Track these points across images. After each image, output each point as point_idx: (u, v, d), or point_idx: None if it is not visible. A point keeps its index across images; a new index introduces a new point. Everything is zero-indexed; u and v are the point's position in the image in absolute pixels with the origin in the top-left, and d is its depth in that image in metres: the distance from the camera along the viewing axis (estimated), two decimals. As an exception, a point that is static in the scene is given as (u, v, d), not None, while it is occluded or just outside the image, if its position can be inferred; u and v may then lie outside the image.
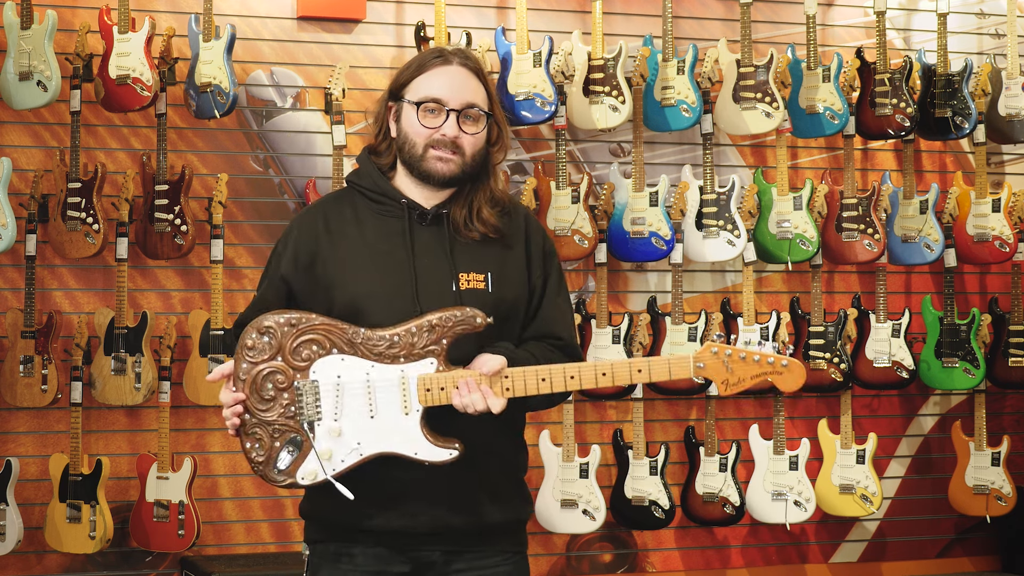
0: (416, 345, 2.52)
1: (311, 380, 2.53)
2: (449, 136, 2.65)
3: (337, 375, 2.53)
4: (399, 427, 2.52)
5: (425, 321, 2.53)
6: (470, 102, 2.67)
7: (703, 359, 2.52)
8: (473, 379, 2.51)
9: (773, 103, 5.43)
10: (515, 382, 2.52)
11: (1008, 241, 5.69)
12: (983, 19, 6.23)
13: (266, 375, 2.54)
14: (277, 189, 5.40)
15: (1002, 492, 5.73)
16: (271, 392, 2.54)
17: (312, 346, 2.53)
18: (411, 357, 2.52)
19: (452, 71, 2.68)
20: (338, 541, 2.66)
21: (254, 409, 2.54)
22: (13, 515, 4.87)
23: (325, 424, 2.53)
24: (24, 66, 4.94)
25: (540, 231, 2.80)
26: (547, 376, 2.53)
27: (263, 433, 2.54)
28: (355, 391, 2.53)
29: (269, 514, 5.31)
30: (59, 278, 5.16)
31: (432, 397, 2.52)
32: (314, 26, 5.46)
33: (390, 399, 2.52)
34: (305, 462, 2.53)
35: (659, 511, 5.37)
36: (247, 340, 2.55)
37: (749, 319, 5.46)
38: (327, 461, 2.52)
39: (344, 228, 2.69)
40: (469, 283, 2.64)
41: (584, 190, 5.36)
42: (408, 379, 2.52)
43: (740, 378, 2.50)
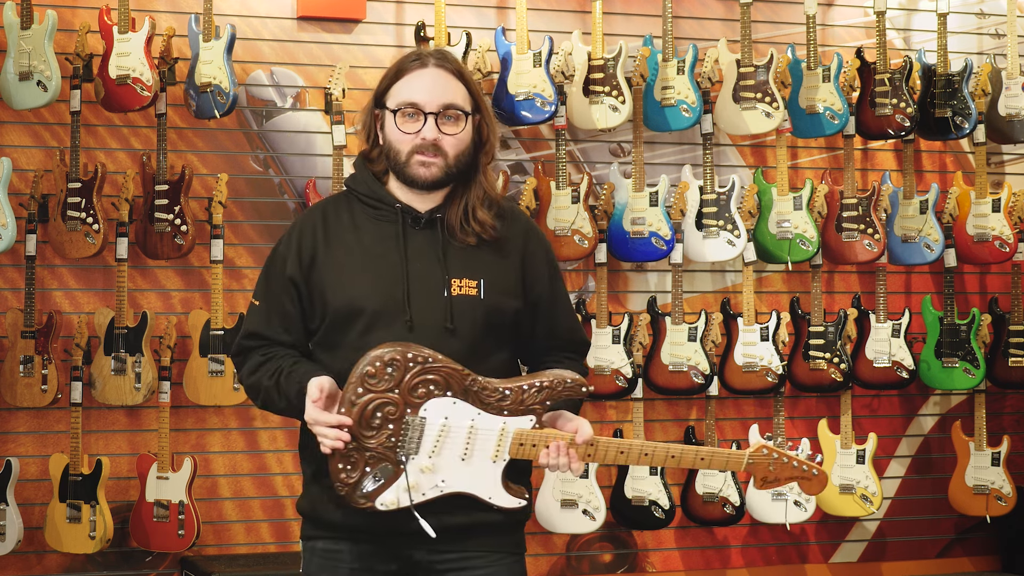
0: (524, 402, 2.61)
1: (420, 417, 2.58)
2: (429, 139, 2.65)
3: (445, 416, 2.59)
4: (483, 472, 2.61)
5: (538, 382, 2.61)
6: (448, 103, 2.66)
7: (755, 458, 2.72)
8: (564, 444, 2.61)
9: (773, 103, 5.43)
10: (598, 451, 2.65)
11: (1008, 241, 5.69)
12: (983, 19, 6.23)
13: (379, 404, 2.57)
14: (277, 189, 5.40)
15: (1002, 492, 5.73)
16: (378, 421, 2.57)
17: (430, 385, 2.58)
18: (516, 412, 2.61)
19: (428, 74, 2.68)
20: (327, 539, 2.68)
21: (357, 434, 2.57)
22: (13, 515, 4.87)
23: (420, 460, 2.58)
24: (24, 66, 4.94)
25: (543, 242, 2.82)
26: (626, 450, 2.67)
27: (358, 458, 2.58)
28: (457, 435, 2.59)
29: (269, 514, 5.31)
30: (59, 278, 5.16)
31: (523, 452, 2.62)
32: (314, 26, 5.46)
33: (486, 447, 2.61)
34: (388, 490, 2.58)
35: (659, 511, 5.37)
36: (368, 367, 2.56)
37: (749, 319, 5.46)
38: (412, 491, 2.59)
39: (341, 233, 2.70)
40: (461, 289, 2.65)
41: (584, 190, 5.36)
42: (507, 432, 2.61)
43: (776, 477, 2.75)
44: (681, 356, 5.40)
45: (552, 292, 2.78)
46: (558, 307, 2.79)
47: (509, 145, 5.62)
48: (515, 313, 2.71)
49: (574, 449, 2.61)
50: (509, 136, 5.61)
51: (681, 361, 5.39)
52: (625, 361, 5.36)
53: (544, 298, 2.76)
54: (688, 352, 5.39)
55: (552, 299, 2.78)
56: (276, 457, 5.32)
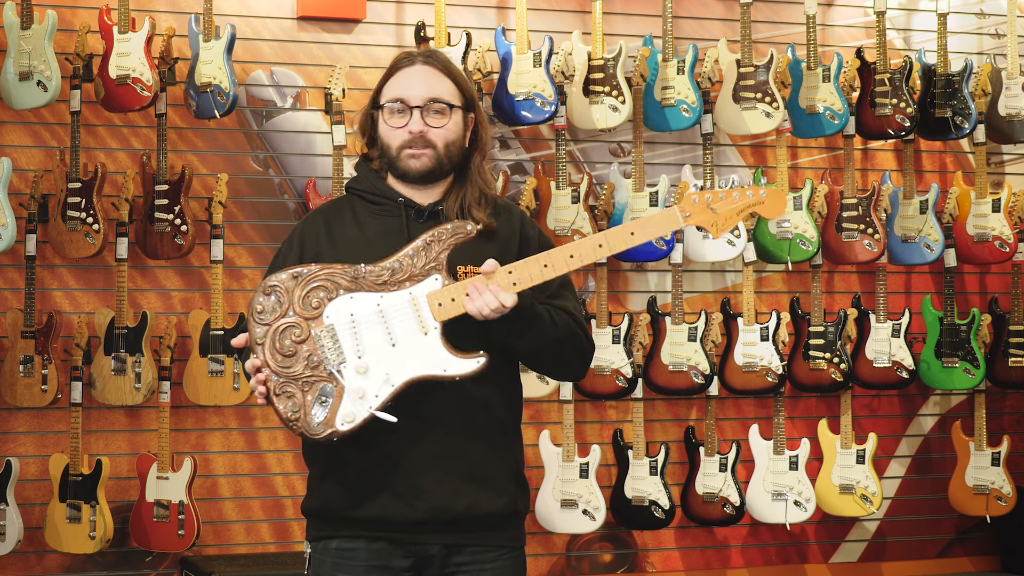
0: (417, 266, 2.58)
1: (326, 325, 2.57)
2: (415, 132, 2.70)
3: (350, 313, 2.57)
4: (421, 349, 2.56)
5: (420, 241, 2.59)
6: (433, 96, 2.72)
7: (687, 208, 2.60)
8: (480, 281, 2.57)
9: (773, 103, 5.43)
10: (520, 274, 2.58)
11: (1008, 241, 5.69)
12: (983, 19, 6.23)
13: (282, 331, 2.57)
14: (277, 189, 5.40)
15: (1002, 492, 5.73)
16: (291, 347, 2.57)
17: (319, 292, 2.57)
18: (415, 279, 2.58)
19: (415, 71, 2.75)
20: (340, 537, 2.69)
21: (278, 368, 2.57)
22: (13, 515, 4.87)
23: (351, 364, 2.56)
24: (24, 66, 4.94)
25: (538, 233, 2.85)
26: (549, 262, 2.60)
27: (293, 389, 2.57)
28: (371, 324, 2.57)
29: (269, 514, 5.31)
30: (59, 278, 5.16)
31: (445, 311, 2.57)
32: (314, 26, 5.46)
33: (406, 323, 2.57)
34: (340, 407, 2.56)
35: (659, 511, 5.37)
36: (256, 305, 2.59)
37: (749, 319, 5.46)
38: (361, 400, 2.56)
39: (345, 230, 2.75)
40: (467, 275, 2.67)
41: (584, 190, 5.36)
42: (418, 299, 2.57)
43: (726, 216, 2.59)
44: (681, 356, 5.40)
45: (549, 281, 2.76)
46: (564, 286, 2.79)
47: (509, 145, 5.62)
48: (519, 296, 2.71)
49: (493, 282, 2.56)
50: (509, 136, 5.61)
51: (681, 361, 5.40)
52: (625, 361, 5.36)
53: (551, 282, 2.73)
54: (688, 352, 5.39)
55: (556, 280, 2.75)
56: (276, 457, 5.32)
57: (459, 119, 2.75)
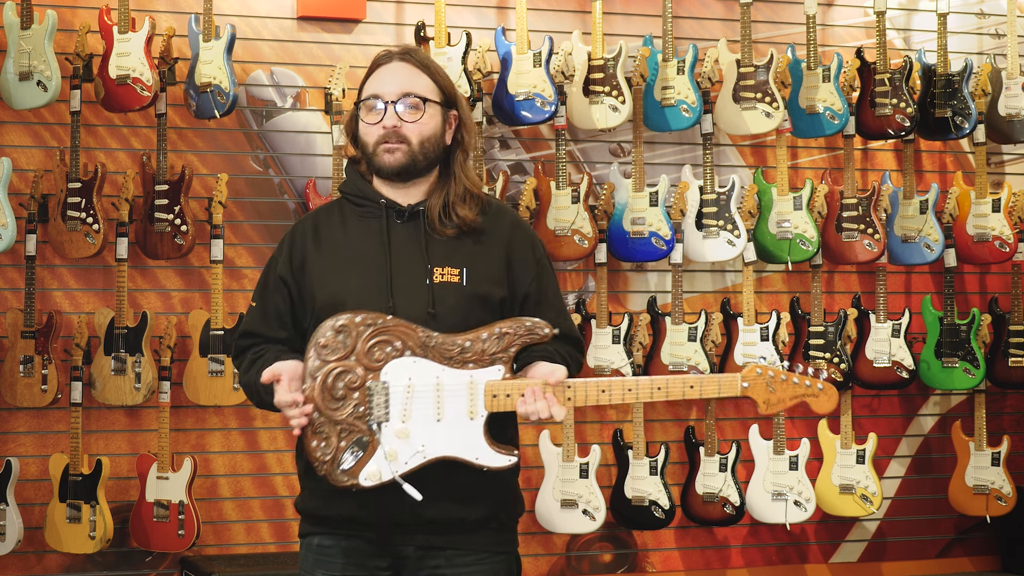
0: (487, 352, 2.58)
1: (382, 381, 2.56)
2: (389, 127, 2.71)
3: (408, 377, 2.57)
4: (463, 432, 2.57)
5: (496, 329, 2.59)
6: (406, 91, 2.73)
7: (748, 379, 2.63)
8: (539, 388, 2.57)
9: (773, 103, 5.43)
10: (577, 392, 2.60)
11: (1008, 241, 5.69)
12: (983, 19, 6.23)
13: (338, 374, 2.56)
14: (277, 189, 5.40)
15: (1002, 492, 5.73)
16: (342, 391, 2.56)
17: (386, 347, 2.56)
18: (480, 363, 2.58)
19: (391, 67, 2.77)
20: (321, 534, 2.72)
21: (323, 407, 2.56)
22: (13, 515, 4.87)
23: (393, 425, 2.56)
24: (24, 66, 4.94)
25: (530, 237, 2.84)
26: (607, 388, 2.61)
27: (330, 431, 2.56)
28: (425, 394, 2.57)
29: (269, 514, 5.31)
30: (59, 278, 5.16)
31: (499, 403, 2.57)
32: (314, 26, 5.46)
33: (458, 403, 2.57)
34: (369, 463, 2.56)
35: (659, 511, 5.37)
36: (320, 338, 2.57)
37: (749, 319, 5.46)
38: (392, 462, 2.55)
39: (331, 233, 2.77)
40: (443, 276, 2.68)
41: (584, 190, 5.36)
42: (477, 384, 2.57)
43: (780, 399, 2.64)
44: (681, 356, 5.40)
45: (540, 288, 2.80)
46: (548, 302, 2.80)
47: (509, 145, 5.62)
48: (500, 302, 2.72)
49: (551, 392, 2.57)
50: (509, 136, 5.61)
51: (681, 361, 5.40)
52: (625, 361, 5.36)
53: (532, 295, 2.78)
54: (688, 352, 5.39)
55: (542, 296, 2.79)
56: (276, 457, 5.32)
57: (436, 114, 2.75)
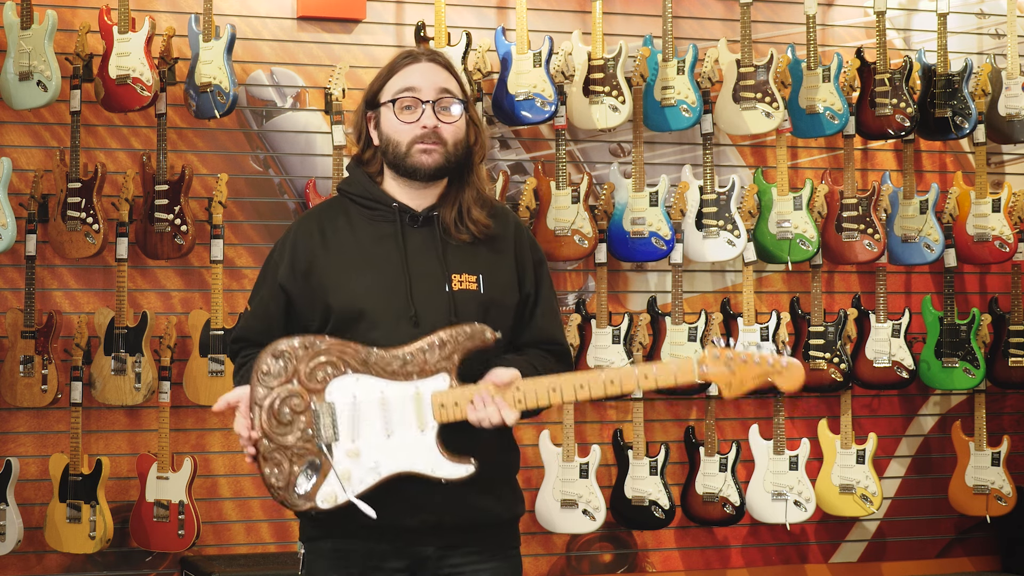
0: (428, 362, 2.54)
1: (327, 402, 2.55)
2: (430, 127, 2.67)
3: (353, 395, 2.55)
4: (415, 445, 2.54)
5: (436, 338, 2.55)
6: (443, 88, 2.70)
7: (706, 362, 2.54)
8: (487, 392, 2.53)
9: (773, 103, 5.43)
10: (527, 394, 2.55)
11: (1008, 241, 5.69)
12: (983, 19, 6.23)
13: (283, 399, 2.55)
14: (277, 189, 5.40)
15: (1002, 492, 5.73)
16: (288, 416, 2.55)
17: (327, 367, 2.54)
18: (424, 374, 2.54)
19: (422, 67, 2.72)
20: (335, 538, 2.68)
21: (272, 434, 2.55)
22: (13, 515, 4.87)
23: (343, 445, 2.54)
24: (24, 66, 4.94)
25: (530, 239, 2.83)
26: (557, 387, 2.55)
27: (281, 457, 2.55)
28: (371, 410, 2.54)
29: (269, 514, 5.31)
30: (59, 278, 5.16)
31: (447, 413, 2.54)
32: (314, 26, 5.46)
33: (405, 417, 2.54)
34: (324, 485, 2.54)
35: (659, 511, 5.37)
36: (262, 365, 2.56)
37: (749, 319, 5.46)
38: (347, 482, 2.54)
39: (338, 235, 2.72)
40: (462, 284, 2.66)
41: (584, 190, 5.36)
42: (423, 395, 2.54)
43: (742, 380, 2.52)
44: (681, 356, 5.39)
45: (537, 293, 2.79)
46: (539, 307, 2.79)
47: (509, 145, 5.62)
48: (515, 307, 2.73)
49: (499, 396, 2.53)
50: (509, 136, 5.61)
51: (681, 361, 5.39)
52: (625, 361, 5.36)
53: (530, 298, 2.77)
54: (688, 352, 5.39)
55: (536, 300, 2.78)
56: (276, 457, 5.31)
57: (465, 116, 2.74)
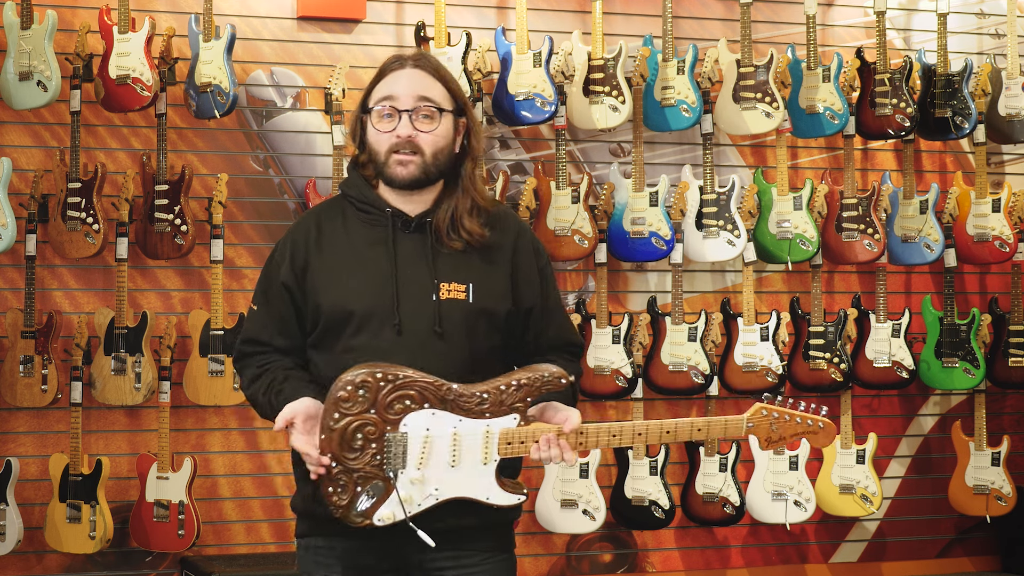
0: (504, 402, 2.61)
1: (401, 432, 2.59)
2: (403, 136, 2.66)
3: (426, 428, 2.60)
4: (476, 475, 2.62)
5: (515, 380, 2.61)
6: (421, 96, 2.68)
7: (754, 420, 2.71)
8: (553, 436, 2.61)
9: (773, 103, 5.43)
10: (589, 438, 2.65)
11: (1008, 241, 5.69)
12: (983, 19, 6.23)
13: (357, 427, 2.58)
14: (277, 189, 5.40)
15: (1002, 492, 5.73)
16: (360, 443, 2.58)
17: (406, 400, 2.59)
18: (498, 413, 2.61)
19: (405, 73, 2.71)
20: (322, 535, 2.70)
21: (340, 457, 2.58)
22: (13, 515, 4.87)
23: (408, 473, 2.59)
24: (24, 66, 4.94)
25: (534, 244, 2.82)
26: (618, 433, 2.67)
27: (346, 479, 2.59)
28: (441, 444, 2.60)
29: (269, 514, 5.31)
30: (59, 278, 5.16)
31: (512, 450, 2.62)
32: (314, 26, 5.46)
33: (472, 450, 2.61)
34: (384, 506, 2.59)
35: (659, 511, 5.37)
36: (340, 392, 2.57)
37: (749, 319, 5.46)
38: (407, 504, 2.59)
39: (334, 237, 2.73)
40: (450, 293, 2.66)
41: (584, 190, 5.36)
42: (492, 433, 2.61)
43: (781, 436, 2.72)
44: (681, 356, 5.40)
45: (544, 297, 2.79)
46: (549, 310, 2.80)
47: (509, 145, 5.62)
48: (506, 315, 2.72)
49: (563, 439, 2.61)
50: (509, 136, 5.61)
51: (681, 361, 5.40)
52: (625, 361, 5.36)
53: (536, 304, 2.77)
54: (688, 352, 5.39)
55: (543, 304, 2.78)
56: (276, 457, 5.32)
57: (449, 124, 2.71)
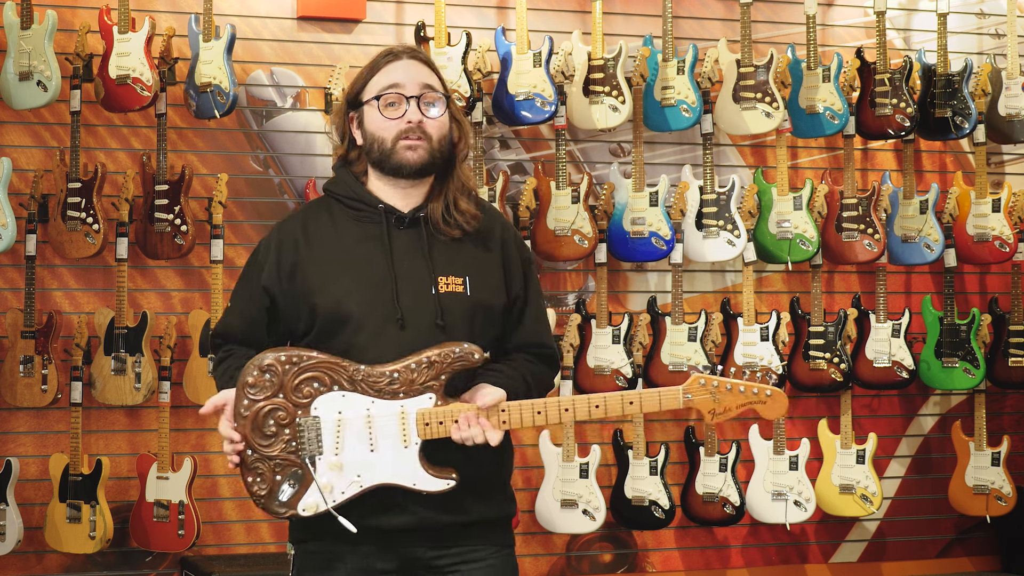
0: (416, 381, 2.57)
1: (313, 416, 2.57)
2: (415, 121, 2.67)
3: (338, 411, 2.57)
4: (398, 459, 2.57)
5: (424, 357, 2.57)
6: (426, 84, 2.70)
7: (691, 391, 2.60)
8: (472, 413, 2.56)
9: (773, 103, 5.43)
10: (511, 415, 2.59)
11: (1008, 241, 5.69)
12: (983, 19, 6.23)
13: (267, 412, 2.57)
14: (277, 189, 5.40)
15: (1002, 492, 5.73)
16: (272, 428, 2.58)
17: (314, 383, 2.57)
18: (410, 392, 2.57)
19: (404, 64, 2.72)
20: (323, 540, 2.68)
21: (255, 445, 2.58)
22: (13, 515, 4.87)
23: (326, 458, 2.57)
24: (24, 66, 4.94)
25: (517, 238, 2.82)
26: (542, 409, 2.60)
27: (264, 468, 2.58)
28: (356, 426, 2.57)
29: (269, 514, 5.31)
30: (59, 278, 5.16)
31: (431, 431, 2.57)
32: (314, 26, 5.46)
33: (390, 433, 2.57)
34: (306, 495, 2.58)
35: (659, 511, 5.37)
36: (248, 378, 2.58)
37: (749, 319, 5.46)
38: (327, 493, 2.57)
39: (323, 236, 2.71)
40: (448, 286, 2.66)
41: (584, 190, 5.36)
42: (408, 414, 2.57)
43: (726, 408, 2.60)
44: (681, 356, 5.40)
45: (526, 295, 2.78)
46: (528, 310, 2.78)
47: (509, 145, 5.62)
48: (502, 309, 2.72)
49: (484, 417, 2.57)
50: (509, 136, 5.61)
51: (681, 361, 5.40)
52: (625, 361, 5.36)
53: (518, 300, 2.76)
54: (688, 352, 5.39)
55: (524, 301, 2.77)
56: (276, 457, 5.31)
57: (447, 113, 2.73)
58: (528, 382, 2.69)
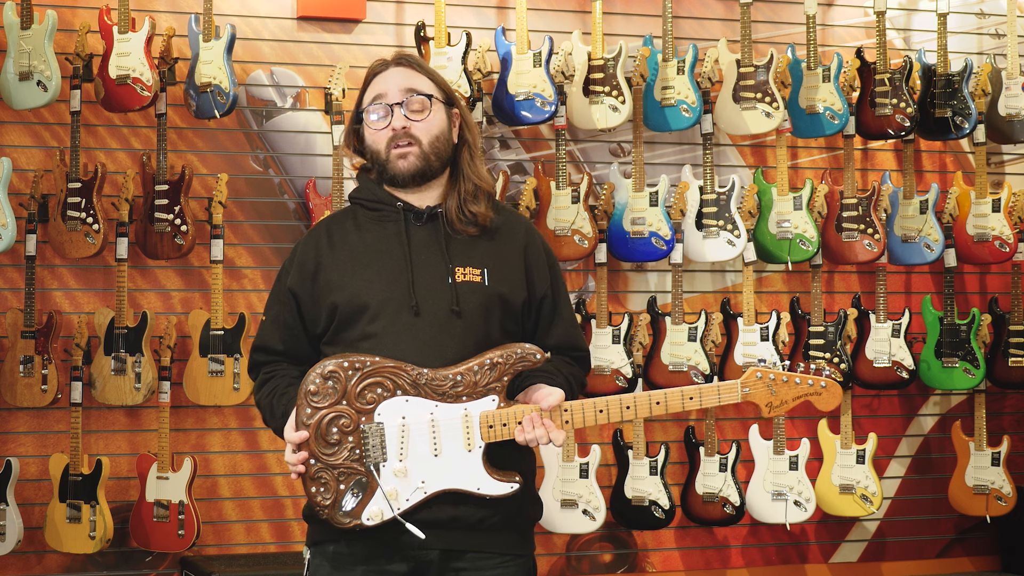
0: (479, 383, 2.57)
1: (376, 423, 2.57)
2: (399, 128, 2.71)
3: (402, 416, 2.57)
4: (462, 464, 2.57)
5: (487, 359, 2.58)
6: (408, 88, 2.73)
7: (749, 384, 2.62)
8: (536, 415, 2.57)
9: (773, 103, 5.43)
10: (574, 415, 2.60)
11: (1008, 241, 5.69)
12: (983, 19, 6.23)
13: (331, 420, 2.56)
14: (277, 189, 5.40)
15: (1002, 492, 5.73)
16: (336, 436, 2.57)
17: (377, 389, 2.56)
18: (474, 395, 2.57)
19: (389, 72, 2.78)
20: (337, 542, 2.68)
21: (319, 454, 2.57)
22: (13, 515, 4.87)
23: (390, 465, 2.57)
24: (24, 66, 4.94)
25: (544, 244, 2.85)
26: (604, 408, 2.61)
27: (328, 477, 2.57)
28: (420, 431, 2.57)
29: (269, 514, 5.31)
30: (59, 278, 5.16)
31: (495, 433, 2.57)
32: (314, 26, 5.46)
33: (454, 437, 2.57)
34: (371, 503, 2.57)
35: (659, 511, 5.37)
36: (310, 386, 2.57)
37: (749, 319, 5.46)
38: (393, 500, 2.57)
39: (345, 237, 2.76)
40: (465, 276, 2.68)
41: (584, 190, 5.36)
42: (471, 417, 2.57)
43: (783, 400, 2.63)
44: (681, 356, 5.40)
45: (555, 297, 2.80)
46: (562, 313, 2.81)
47: (509, 145, 5.62)
48: (522, 304, 2.73)
49: (547, 418, 2.58)
50: (509, 136, 5.61)
51: (681, 361, 5.40)
52: (625, 361, 5.36)
53: (548, 303, 2.78)
54: (688, 352, 5.39)
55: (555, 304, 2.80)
56: (276, 457, 5.32)
57: (441, 113, 2.76)
58: (571, 383, 2.73)
